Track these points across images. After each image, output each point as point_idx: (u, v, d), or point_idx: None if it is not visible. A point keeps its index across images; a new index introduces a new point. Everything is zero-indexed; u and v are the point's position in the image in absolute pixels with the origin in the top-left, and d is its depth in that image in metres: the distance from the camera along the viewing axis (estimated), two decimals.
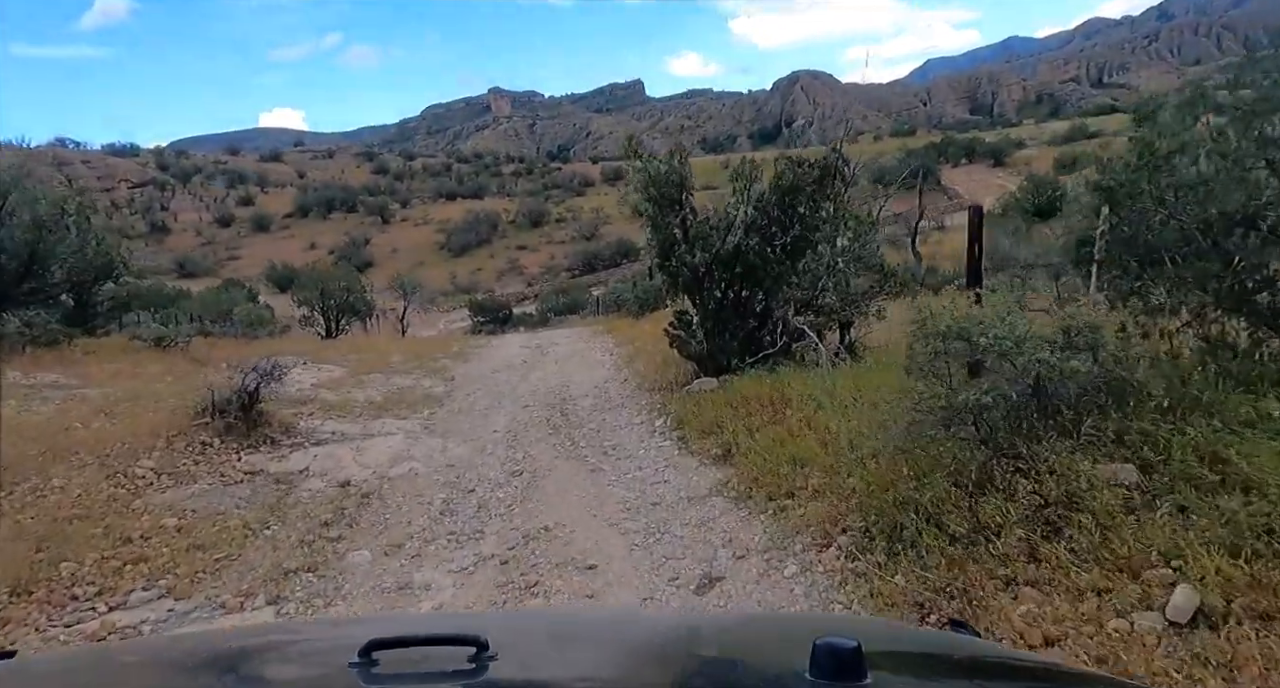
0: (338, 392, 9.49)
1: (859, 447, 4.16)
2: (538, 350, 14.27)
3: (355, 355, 13.79)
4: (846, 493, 3.84)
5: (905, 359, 3.70)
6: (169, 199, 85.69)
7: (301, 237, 74.11)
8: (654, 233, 7.72)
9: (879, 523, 3.33)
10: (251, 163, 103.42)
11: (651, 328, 14.92)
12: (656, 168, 7.35)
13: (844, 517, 3.66)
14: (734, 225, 7.63)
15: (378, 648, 0.86)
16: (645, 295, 17.97)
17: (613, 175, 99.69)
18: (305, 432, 7.24)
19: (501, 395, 9.56)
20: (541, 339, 17.24)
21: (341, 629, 1.48)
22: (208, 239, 77.50)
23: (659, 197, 7.40)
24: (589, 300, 39.07)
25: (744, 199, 7.48)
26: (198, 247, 74.65)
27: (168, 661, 1.07)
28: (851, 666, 0.78)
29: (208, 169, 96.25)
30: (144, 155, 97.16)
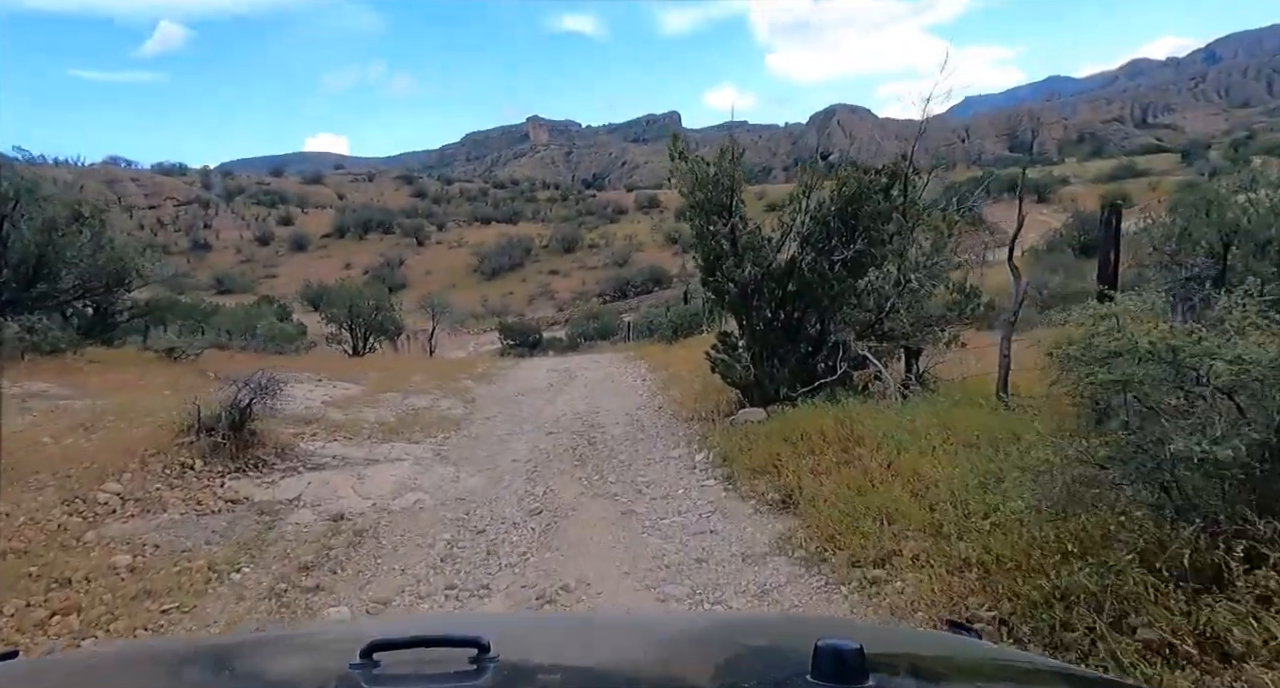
0: (348, 411, 8.76)
1: (967, 501, 3.24)
2: (566, 374, 13.48)
3: (376, 374, 13.13)
4: (960, 564, 2.92)
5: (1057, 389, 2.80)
6: (212, 217, 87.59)
7: (338, 256, 75.01)
8: (698, 243, 6.91)
9: (1025, 616, 2.42)
10: (294, 185, 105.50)
11: (686, 353, 14.06)
12: (703, 169, 6.56)
13: (964, 599, 2.74)
14: (788, 237, 6.79)
15: (379, 649, 0.86)
16: (679, 320, 17.16)
17: (647, 203, 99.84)
18: (303, 455, 6.48)
19: (524, 420, 8.75)
20: (571, 363, 16.47)
21: (343, 631, 1.47)
22: (247, 257, 78.83)
23: (705, 202, 6.60)
24: (620, 326, 38.38)
25: (801, 208, 6.64)
26: (237, 264, 75.88)
27: (168, 662, 1.06)
28: (853, 667, 0.78)
29: (251, 189, 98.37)
30: (190, 175, 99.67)
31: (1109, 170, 75.62)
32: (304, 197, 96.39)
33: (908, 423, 4.72)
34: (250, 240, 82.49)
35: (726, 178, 6.50)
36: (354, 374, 12.86)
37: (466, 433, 8.07)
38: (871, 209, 6.66)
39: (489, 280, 69.97)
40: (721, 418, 7.23)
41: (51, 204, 9.49)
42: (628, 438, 7.45)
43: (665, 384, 10.73)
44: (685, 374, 11.10)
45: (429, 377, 12.84)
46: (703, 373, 10.59)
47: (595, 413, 9.06)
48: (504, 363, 18.03)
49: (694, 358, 12.99)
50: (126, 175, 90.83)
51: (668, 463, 6.30)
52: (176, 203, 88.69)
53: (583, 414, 9.00)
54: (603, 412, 9.12)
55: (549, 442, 7.57)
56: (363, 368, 14.55)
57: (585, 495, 5.62)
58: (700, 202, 6.63)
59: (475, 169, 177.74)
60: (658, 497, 5.40)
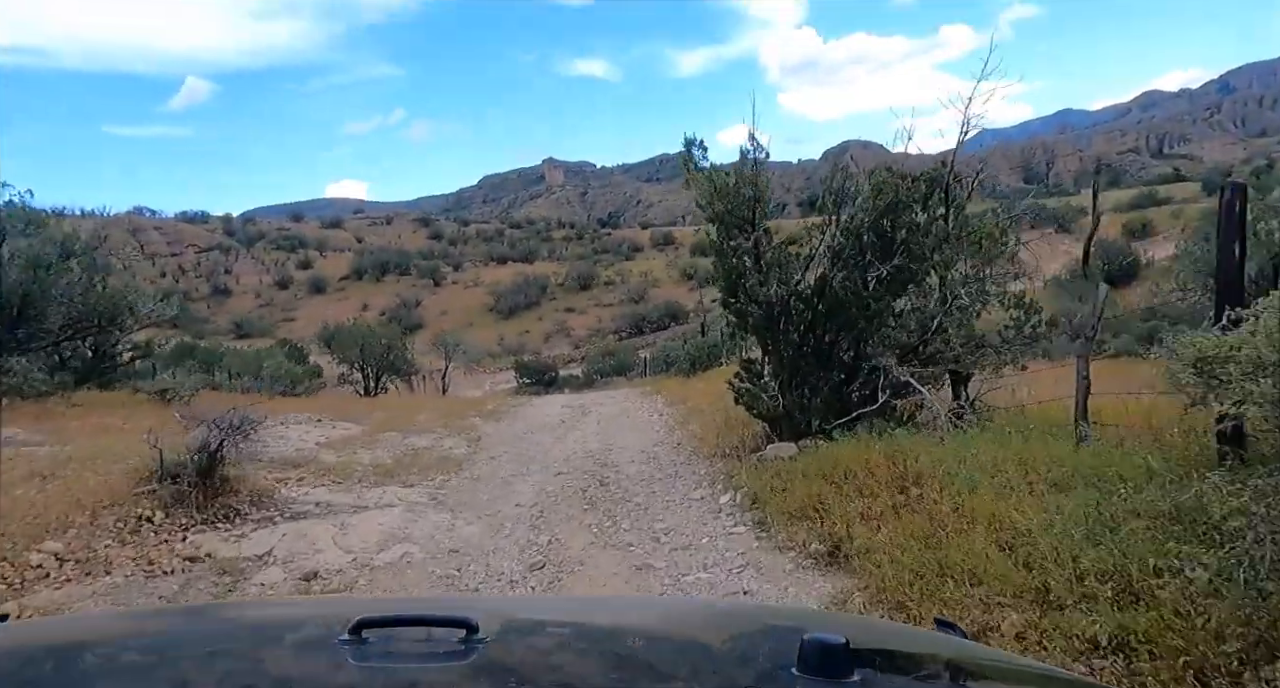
0: (342, 452, 8.12)
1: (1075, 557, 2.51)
2: (579, 411, 12.79)
3: (381, 413, 12.52)
4: (1086, 647, 2.18)
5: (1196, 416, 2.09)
6: (232, 263, 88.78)
7: (355, 298, 75.35)
8: (718, 261, 6.28)
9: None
10: (313, 229, 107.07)
11: (705, 386, 13.35)
12: (723, 179, 5.96)
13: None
14: (817, 254, 6.13)
15: (368, 626, 0.85)
16: (697, 353, 16.49)
17: (662, 240, 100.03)
18: (283, 502, 5.82)
19: (531, 460, 8.06)
20: (585, 400, 15.79)
21: (332, 608, 1.36)
22: (266, 301, 79.47)
23: (725, 214, 5.98)
24: (636, 362, 37.73)
25: (831, 221, 6.00)
26: (256, 308, 76.49)
27: (155, 630, 1.06)
28: (839, 662, 0.78)
29: (271, 235, 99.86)
30: (213, 222, 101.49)
31: (1128, 199, 74.41)
32: (323, 241, 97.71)
33: (973, 458, 3.99)
34: (269, 285, 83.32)
35: (749, 186, 5.88)
36: (357, 414, 12.26)
37: (468, 475, 7.39)
38: (909, 220, 6.00)
39: (505, 319, 69.81)
40: (748, 454, 6.50)
41: (39, 240, 9.08)
42: (644, 478, 6.72)
43: (684, 418, 10.01)
44: (705, 407, 10.38)
45: (435, 416, 12.21)
46: (724, 405, 9.88)
47: (608, 450, 8.36)
48: (516, 401, 17.39)
49: (713, 390, 12.28)
50: (150, 224, 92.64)
51: (689, 506, 5.57)
52: (198, 249, 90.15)
53: (595, 452, 8.30)
54: (617, 449, 8.41)
55: (557, 483, 6.87)
56: (369, 408, 13.97)
57: (595, 545, 4.90)
58: (720, 214, 6.01)
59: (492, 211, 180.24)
60: (679, 547, 4.67)
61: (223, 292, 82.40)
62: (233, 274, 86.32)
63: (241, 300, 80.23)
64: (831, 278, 6.13)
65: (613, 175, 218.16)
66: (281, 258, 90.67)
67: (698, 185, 6.05)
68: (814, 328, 6.40)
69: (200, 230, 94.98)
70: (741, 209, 5.93)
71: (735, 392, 6.80)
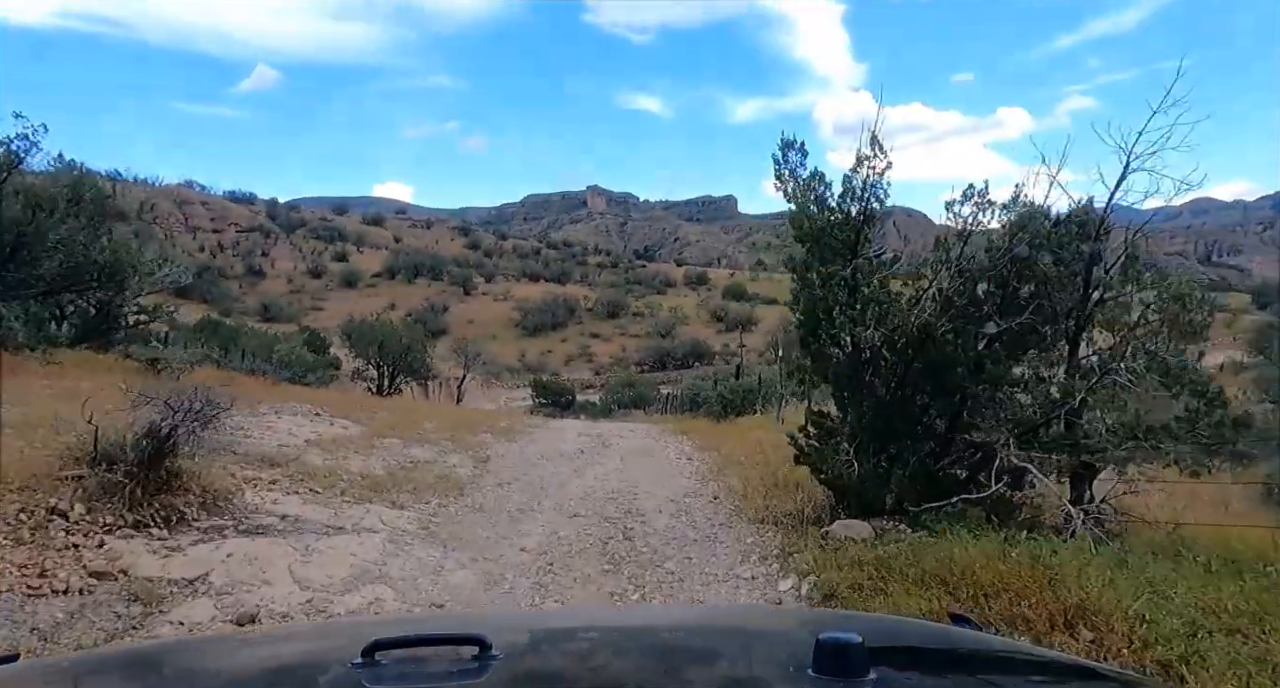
0: (332, 455, 7.09)
1: None
2: (598, 441, 11.70)
3: (386, 414, 11.54)
4: None
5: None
6: (270, 246, 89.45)
7: (385, 296, 75.27)
8: (801, 292, 5.22)
9: None
10: (354, 224, 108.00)
11: (740, 434, 12.21)
12: (818, 190, 4.92)
13: None
14: (924, 297, 5.06)
15: (381, 648, 0.84)
16: (730, 396, 15.34)
17: (695, 279, 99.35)
18: (243, 509, 4.79)
19: (543, 492, 6.98)
20: (604, 429, 14.68)
21: (345, 630, 1.41)
22: (297, 287, 79.72)
23: (822, 234, 4.94)
24: (657, 397, 36.58)
25: (945, 259, 4.94)
26: (286, 293, 76.67)
27: (171, 663, 1.05)
28: (855, 661, 0.78)
29: (312, 224, 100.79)
30: (258, 204, 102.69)
31: None
32: (362, 236, 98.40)
33: (1166, 591, 2.84)
34: (302, 272, 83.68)
35: (855, 201, 4.85)
36: (362, 413, 11.28)
37: (469, 501, 6.31)
38: (1041, 271, 4.92)
39: (530, 336, 69.14)
40: (806, 526, 5.37)
41: (48, 179, 8.31)
42: (677, 536, 5.60)
43: (719, 468, 8.87)
44: (742, 458, 9.26)
45: (444, 425, 11.19)
46: (768, 459, 8.76)
47: (633, 494, 7.25)
48: (531, 420, 16.32)
49: (751, 440, 11.14)
50: (198, 198, 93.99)
51: (737, 587, 4.44)
52: (239, 229, 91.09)
53: (617, 494, 7.19)
54: (643, 493, 7.30)
55: (572, 527, 5.77)
56: (376, 407, 12.99)
57: None
58: (814, 233, 4.97)
59: (531, 229, 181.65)
60: None
61: (256, 273, 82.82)
62: (269, 257, 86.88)
63: (273, 284, 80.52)
64: (937, 328, 5.05)
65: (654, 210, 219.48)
66: (319, 248, 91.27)
67: (794, 194, 5.02)
68: (905, 385, 5.30)
69: (244, 211, 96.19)
70: (843, 230, 4.88)
71: (799, 449, 5.68)
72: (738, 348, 56.83)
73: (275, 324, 49.84)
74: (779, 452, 9.40)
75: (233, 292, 73.88)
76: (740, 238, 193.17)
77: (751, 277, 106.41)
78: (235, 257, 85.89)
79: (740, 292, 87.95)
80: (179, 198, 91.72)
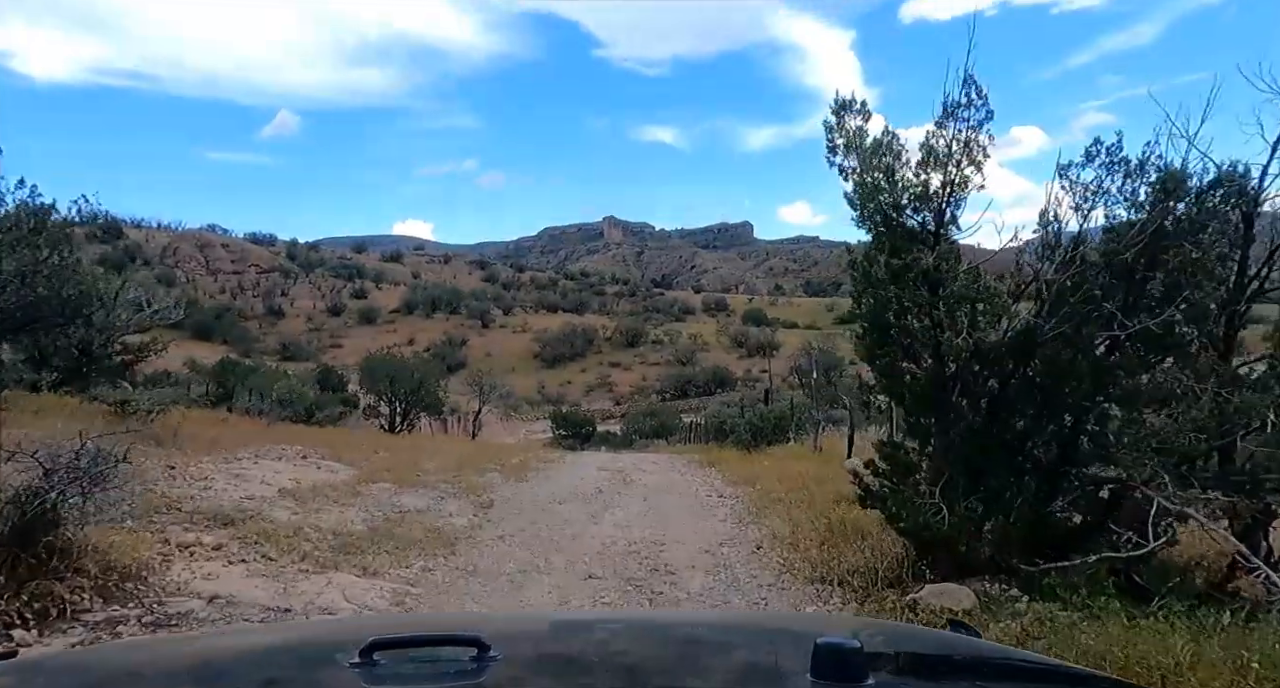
0: (304, 507, 6.04)
1: None
2: (619, 477, 10.57)
3: (386, 455, 10.52)
4: None
5: None
6: (290, 285, 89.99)
7: (403, 331, 74.99)
8: (865, 290, 4.13)
9: None
10: (373, 261, 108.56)
11: (776, 466, 10.99)
12: (887, 159, 3.85)
13: None
14: (1022, 294, 3.96)
15: (379, 648, 0.84)
16: (760, 423, 14.13)
17: (714, 305, 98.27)
18: (162, 590, 3.74)
19: (553, 546, 5.86)
20: (625, 462, 13.54)
21: (343, 630, 1.40)
22: (316, 325, 79.70)
23: (895, 212, 3.86)
24: (679, 426, 35.31)
25: (1051, 240, 3.84)
26: (305, 332, 76.63)
27: (169, 660, 1.05)
28: (853, 666, 0.77)
29: (331, 262, 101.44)
30: (279, 245, 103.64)
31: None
32: (380, 273, 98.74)
33: None
34: (322, 310, 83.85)
35: (938, 169, 3.76)
36: (358, 453, 10.28)
37: (461, 562, 5.20)
38: (1183, 258, 3.80)
39: (549, 368, 68.22)
40: (882, 589, 4.20)
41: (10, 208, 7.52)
42: (717, 604, 4.46)
43: (757, 508, 7.70)
44: (783, 495, 8.08)
45: (449, 464, 10.14)
46: (814, 497, 7.57)
47: (660, 544, 6.10)
48: (548, 455, 15.23)
49: (790, 473, 9.94)
50: (219, 241, 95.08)
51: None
52: (259, 270, 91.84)
53: (641, 545, 6.05)
54: (671, 543, 6.15)
55: (587, 593, 4.66)
56: (379, 446, 11.98)
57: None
58: (881, 214, 3.89)
59: (549, 261, 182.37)
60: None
61: (276, 313, 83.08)
62: (288, 296, 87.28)
63: (293, 323, 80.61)
64: (1042, 331, 3.92)
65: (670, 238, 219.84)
66: (338, 285, 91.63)
67: (852, 169, 3.96)
68: (1002, 406, 4.17)
69: (265, 252, 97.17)
70: (922, 207, 3.80)
71: (864, 489, 4.54)
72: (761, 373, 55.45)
73: (294, 363, 49.48)
74: (825, 487, 8.21)
75: (252, 332, 74.06)
76: (758, 264, 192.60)
77: (771, 301, 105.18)
78: (255, 297, 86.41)
79: (760, 317, 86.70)
80: (200, 241, 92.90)
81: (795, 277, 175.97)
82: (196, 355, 51.98)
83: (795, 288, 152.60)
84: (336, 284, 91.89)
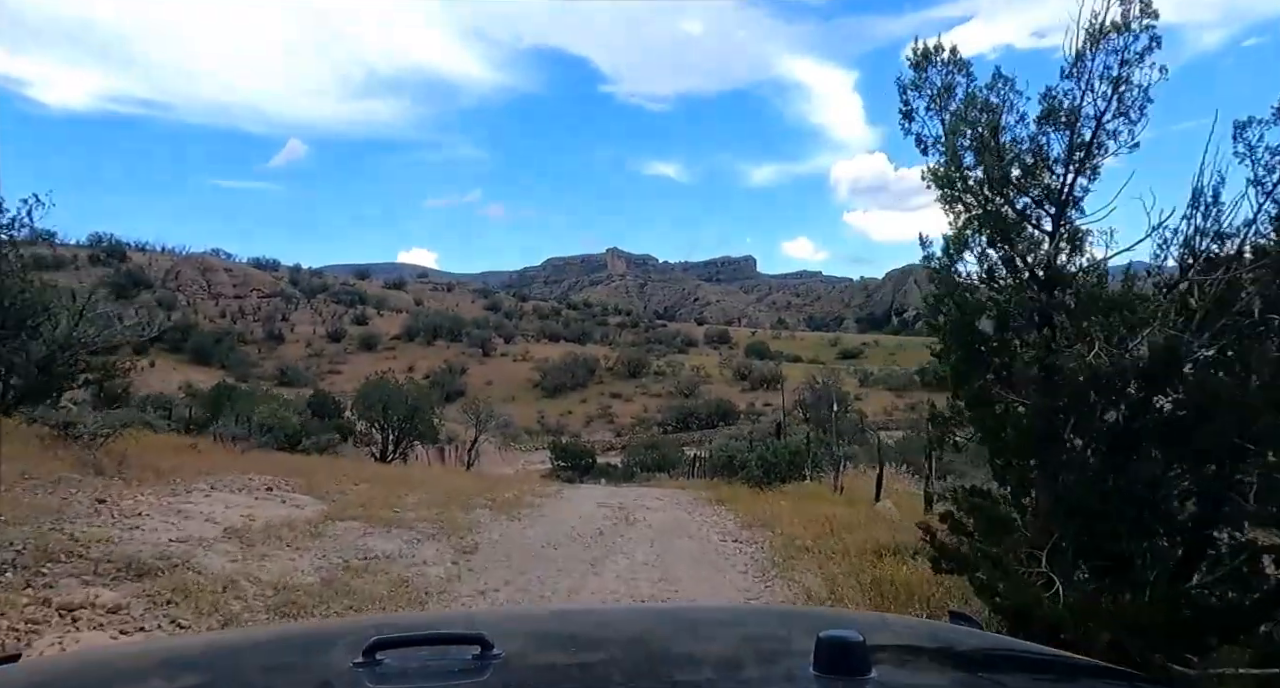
0: (249, 552, 5.04)
1: None
2: (621, 515, 9.55)
3: (366, 487, 9.51)
4: None
5: None
6: (291, 311, 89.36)
7: (403, 359, 73.98)
8: (943, 296, 3.21)
9: None
10: (376, 287, 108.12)
11: (793, 507, 9.93)
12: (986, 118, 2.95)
13: None
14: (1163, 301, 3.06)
15: (382, 648, 0.83)
16: (774, 459, 13.07)
17: (716, 338, 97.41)
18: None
19: (543, 605, 4.85)
20: (627, 498, 12.50)
21: (346, 629, 1.33)
22: (316, 351, 78.83)
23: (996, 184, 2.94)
24: (682, 459, 34.15)
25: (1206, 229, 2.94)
26: (305, 357, 75.68)
27: (172, 661, 1.03)
28: (855, 659, 0.76)
29: (334, 288, 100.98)
30: (282, 270, 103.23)
31: None
32: (383, 300, 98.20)
33: None
34: (322, 336, 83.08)
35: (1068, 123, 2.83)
36: (335, 484, 9.29)
37: None
38: None
39: (549, 397, 67.08)
40: None
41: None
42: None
43: (782, 558, 6.67)
44: (809, 543, 7.07)
45: (434, 498, 9.12)
46: (846, 546, 6.56)
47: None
48: (544, 488, 14.17)
49: (812, 516, 8.88)
50: (221, 265, 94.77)
51: None
52: (261, 294, 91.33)
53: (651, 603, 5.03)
54: (685, 601, 5.13)
55: None
56: (361, 477, 10.97)
57: None
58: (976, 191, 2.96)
59: (552, 291, 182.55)
60: None
61: (276, 338, 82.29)
62: (289, 321, 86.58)
63: (292, 348, 79.73)
64: (1190, 350, 2.99)
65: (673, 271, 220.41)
66: (339, 311, 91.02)
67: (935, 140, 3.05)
68: (1126, 447, 3.21)
69: (267, 277, 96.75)
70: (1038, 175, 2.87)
71: (938, 548, 3.56)
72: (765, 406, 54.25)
73: (291, 388, 48.55)
74: (856, 534, 7.19)
75: (251, 357, 73.15)
76: (760, 298, 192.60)
77: (774, 335, 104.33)
78: (256, 321, 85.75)
79: (763, 350, 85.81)
80: (203, 265, 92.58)
81: (798, 311, 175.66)
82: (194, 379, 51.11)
83: (798, 322, 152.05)
84: (337, 310, 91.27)
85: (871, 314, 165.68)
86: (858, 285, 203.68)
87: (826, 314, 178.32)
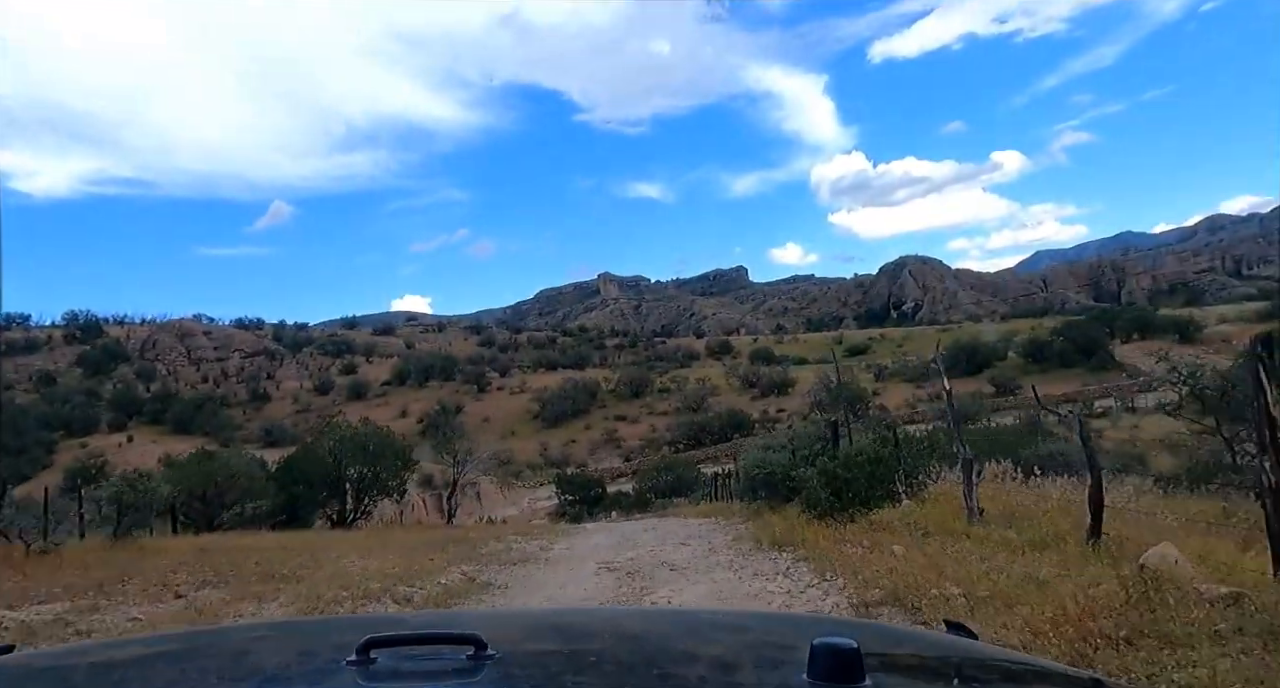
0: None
1: None
2: (634, 580, 6.40)
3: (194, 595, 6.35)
4: None
5: None
6: (276, 368, 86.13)
7: (395, 404, 70.70)
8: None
9: None
10: (364, 335, 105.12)
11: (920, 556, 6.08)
12: None
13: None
14: None
15: (376, 647, 0.83)
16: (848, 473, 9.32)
17: (719, 348, 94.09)
18: None
19: None
20: (641, 544, 9.34)
21: (340, 628, 1.37)
22: (303, 407, 75.33)
23: None
24: (701, 479, 30.82)
25: None
26: (292, 414, 72.17)
27: (166, 655, 1.04)
28: (849, 667, 0.76)
29: (320, 340, 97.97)
30: (265, 328, 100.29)
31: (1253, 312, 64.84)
32: (372, 347, 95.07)
33: None
34: (309, 390, 79.78)
35: None
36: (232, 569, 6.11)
37: None
38: None
39: (550, 428, 63.59)
40: None
41: None
42: None
43: None
44: (1016, 642, 3.87)
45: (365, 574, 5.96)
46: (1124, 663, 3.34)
47: None
48: (543, 537, 10.97)
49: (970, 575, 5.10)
50: (200, 329, 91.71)
51: None
52: (244, 354, 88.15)
53: None
54: None
55: None
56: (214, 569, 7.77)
57: None
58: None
59: (546, 322, 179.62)
60: None
61: (261, 397, 79.03)
62: (274, 379, 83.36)
63: (279, 406, 76.29)
64: None
65: (666, 289, 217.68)
66: (326, 363, 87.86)
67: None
68: None
69: (249, 336, 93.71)
70: None
71: None
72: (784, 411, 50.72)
73: (278, 448, 45.18)
74: (1100, 616, 3.66)
75: (235, 419, 69.75)
76: (756, 306, 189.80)
77: (775, 340, 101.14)
78: (239, 383, 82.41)
79: (769, 355, 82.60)
80: (181, 331, 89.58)
81: (795, 315, 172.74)
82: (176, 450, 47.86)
83: (797, 325, 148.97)
84: (324, 362, 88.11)
85: (870, 310, 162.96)
86: (852, 283, 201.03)
87: (824, 314, 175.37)
